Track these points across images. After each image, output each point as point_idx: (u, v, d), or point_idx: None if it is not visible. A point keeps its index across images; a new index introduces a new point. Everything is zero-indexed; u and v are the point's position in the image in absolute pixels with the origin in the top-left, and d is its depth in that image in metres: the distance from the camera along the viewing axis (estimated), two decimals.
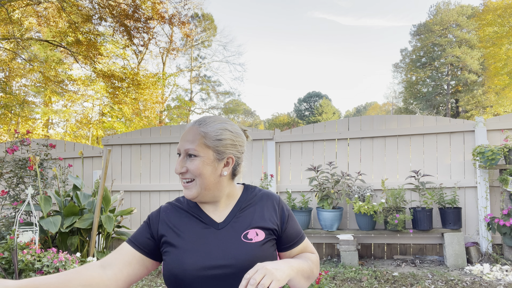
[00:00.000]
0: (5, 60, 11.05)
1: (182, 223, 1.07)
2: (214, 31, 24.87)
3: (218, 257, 1.00)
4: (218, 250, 1.01)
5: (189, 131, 1.06)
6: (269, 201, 1.14)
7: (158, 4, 9.63)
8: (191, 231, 1.05)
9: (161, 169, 5.21)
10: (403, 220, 4.08)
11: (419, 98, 28.88)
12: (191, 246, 1.02)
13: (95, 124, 16.59)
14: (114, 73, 10.69)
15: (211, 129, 1.05)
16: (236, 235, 1.04)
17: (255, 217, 1.09)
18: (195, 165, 1.03)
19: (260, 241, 1.04)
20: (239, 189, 1.18)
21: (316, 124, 4.99)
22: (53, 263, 2.94)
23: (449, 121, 4.57)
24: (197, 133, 1.05)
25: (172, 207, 1.13)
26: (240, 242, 1.03)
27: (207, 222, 1.07)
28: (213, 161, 1.05)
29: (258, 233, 1.06)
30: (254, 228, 1.06)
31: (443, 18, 26.97)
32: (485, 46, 15.70)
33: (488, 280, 3.47)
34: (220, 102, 28.83)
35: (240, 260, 0.99)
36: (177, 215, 1.10)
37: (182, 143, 1.06)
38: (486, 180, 4.19)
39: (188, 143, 1.04)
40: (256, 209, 1.11)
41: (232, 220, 1.08)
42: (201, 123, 1.07)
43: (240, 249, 1.01)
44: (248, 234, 1.05)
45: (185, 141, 1.05)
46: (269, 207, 1.13)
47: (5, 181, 3.93)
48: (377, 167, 4.68)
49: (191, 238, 1.04)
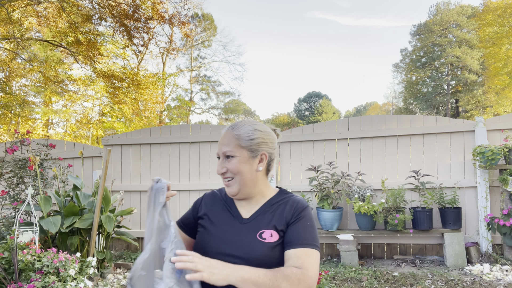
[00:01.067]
0: (5, 60, 11.05)
1: (216, 210, 1.24)
2: (214, 31, 24.87)
3: (234, 248, 1.11)
4: (237, 242, 1.12)
5: (225, 136, 1.20)
6: (293, 205, 1.19)
7: (158, 4, 9.63)
8: (220, 219, 1.21)
9: (161, 169, 5.20)
10: (403, 220, 4.08)
11: (419, 98, 28.88)
12: (216, 232, 1.17)
13: (95, 124, 16.58)
14: (114, 73, 10.69)
15: (242, 131, 1.18)
16: (253, 232, 1.14)
17: (274, 218, 1.16)
18: (233, 164, 1.16)
19: (273, 243, 1.11)
20: (273, 191, 1.27)
21: (316, 124, 4.99)
22: (53, 263, 2.94)
23: (449, 121, 4.57)
24: (231, 136, 1.18)
25: (212, 194, 1.31)
26: (255, 240, 1.12)
27: (235, 215, 1.21)
28: (248, 159, 1.17)
29: (273, 234, 1.13)
30: (270, 229, 1.14)
31: (443, 18, 26.96)
32: (485, 46, 15.69)
33: (488, 280, 3.47)
34: (220, 102, 28.84)
35: (252, 255, 1.08)
36: (214, 202, 1.27)
37: (219, 147, 1.19)
38: (486, 180, 4.19)
39: (225, 146, 1.17)
40: (278, 211, 1.18)
41: (256, 219, 1.18)
42: (233, 127, 1.20)
43: (254, 246, 1.10)
44: (264, 233, 1.13)
45: (222, 145, 1.19)
46: (290, 209, 1.18)
47: (5, 181, 3.93)
48: (377, 167, 4.68)
49: (218, 225, 1.19)
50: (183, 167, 5.17)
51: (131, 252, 5.01)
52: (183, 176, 5.15)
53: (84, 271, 3.28)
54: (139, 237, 5.08)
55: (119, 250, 5.12)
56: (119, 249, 5.17)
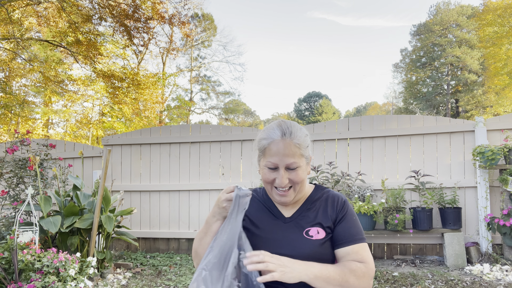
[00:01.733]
0: (5, 60, 11.05)
1: (255, 211, 1.22)
2: (214, 31, 24.87)
3: (282, 246, 1.11)
4: (283, 241, 1.12)
5: (285, 146, 1.09)
6: (334, 201, 1.20)
7: (158, 4, 9.63)
8: (262, 220, 1.19)
9: (161, 169, 5.21)
10: (403, 220, 4.08)
11: (419, 98, 28.88)
12: (260, 233, 1.16)
13: (95, 124, 16.58)
14: (114, 73, 10.68)
15: (301, 139, 1.12)
16: (299, 230, 1.14)
17: (318, 215, 1.17)
18: (298, 176, 1.11)
19: (320, 239, 1.13)
20: (309, 187, 1.27)
21: (316, 124, 4.99)
22: (53, 263, 2.94)
23: (449, 121, 4.57)
24: (293, 146, 1.09)
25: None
26: (302, 238, 1.12)
27: (277, 215, 1.19)
28: (306, 165, 1.16)
29: (319, 231, 1.14)
30: (316, 226, 1.15)
31: (443, 18, 26.96)
32: (485, 46, 15.69)
33: (488, 280, 3.47)
34: (220, 102, 28.84)
35: (301, 253, 1.08)
36: (253, 204, 1.24)
37: (281, 158, 1.08)
38: (486, 180, 4.19)
39: (290, 158, 1.09)
40: (321, 208, 1.18)
41: (298, 217, 1.18)
42: (291, 134, 1.11)
43: (302, 244, 1.11)
44: (310, 231, 1.14)
45: (284, 156, 1.08)
46: (332, 206, 1.19)
47: (5, 181, 3.93)
48: (377, 167, 4.68)
49: (262, 226, 1.17)
50: (183, 167, 5.17)
51: (131, 252, 5.01)
52: (183, 176, 5.15)
53: (84, 271, 3.28)
54: (139, 237, 5.08)
55: (119, 250, 5.12)
56: (119, 249, 5.17)
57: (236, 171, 5.08)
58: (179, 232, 5.02)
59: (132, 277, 3.92)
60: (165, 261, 4.56)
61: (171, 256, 4.80)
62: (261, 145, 1.14)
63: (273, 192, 1.14)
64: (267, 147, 1.11)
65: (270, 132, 1.12)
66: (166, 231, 5.05)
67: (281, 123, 1.14)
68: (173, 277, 3.91)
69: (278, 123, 1.14)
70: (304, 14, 70.15)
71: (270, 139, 1.11)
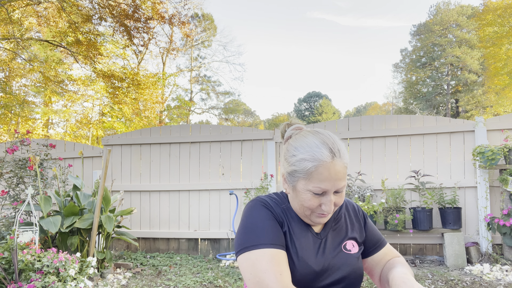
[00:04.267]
0: (5, 60, 11.06)
1: (292, 225, 1.03)
2: (214, 31, 24.88)
3: (323, 264, 1.00)
4: (322, 258, 1.01)
5: (337, 170, 0.93)
6: (351, 210, 1.17)
7: (158, 4, 9.63)
8: (300, 235, 1.02)
9: (161, 169, 5.21)
10: (403, 220, 4.08)
11: (419, 98, 28.88)
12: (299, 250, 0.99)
13: (95, 124, 16.58)
14: (114, 73, 10.69)
15: (347, 155, 0.98)
16: (336, 245, 1.06)
17: (348, 229, 1.11)
18: (342, 197, 0.99)
19: (357, 253, 1.08)
20: None
21: (316, 124, 4.99)
22: (53, 263, 2.94)
23: (449, 121, 4.57)
24: (343, 168, 0.95)
25: (275, 204, 1.06)
26: (342, 253, 1.05)
27: (310, 231, 1.05)
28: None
29: (354, 244, 1.09)
30: (350, 240, 1.09)
31: (443, 18, 26.96)
32: (485, 46, 15.69)
33: (488, 280, 3.47)
34: (220, 102, 28.83)
35: (343, 269, 1.02)
36: (285, 215, 1.05)
37: (333, 183, 0.93)
38: (486, 180, 4.19)
39: (341, 182, 0.95)
40: (346, 220, 1.13)
41: (331, 231, 1.08)
42: (339, 153, 0.95)
43: (342, 259, 1.03)
44: (347, 245, 1.07)
45: (336, 180, 0.93)
46: (354, 217, 1.15)
47: (5, 181, 3.93)
48: (377, 167, 4.68)
49: (299, 242, 1.01)
50: (183, 167, 5.17)
51: (131, 252, 5.01)
52: (183, 176, 5.15)
53: (84, 271, 3.28)
54: (139, 237, 5.08)
55: (119, 250, 5.12)
56: (119, 249, 5.17)
57: (236, 171, 5.08)
58: (179, 232, 5.02)
59: (132, 277, 3.92)
60: (165, 261, 4.56)
61: (171, 256, 4.80)
62: (304, 167, 0.94)
63: (312, 215, 0.99)
64: (315, 171, 0.92)
65: (316, 151, 0.93)
66: (166, 231, 5.06)
67: (324, 139, 0.96)
68: (173, 277, 3.91)
69: (321, 140, 0.95)
70: (304, 14, 70.19)
71: (317, 162, 0.92)
